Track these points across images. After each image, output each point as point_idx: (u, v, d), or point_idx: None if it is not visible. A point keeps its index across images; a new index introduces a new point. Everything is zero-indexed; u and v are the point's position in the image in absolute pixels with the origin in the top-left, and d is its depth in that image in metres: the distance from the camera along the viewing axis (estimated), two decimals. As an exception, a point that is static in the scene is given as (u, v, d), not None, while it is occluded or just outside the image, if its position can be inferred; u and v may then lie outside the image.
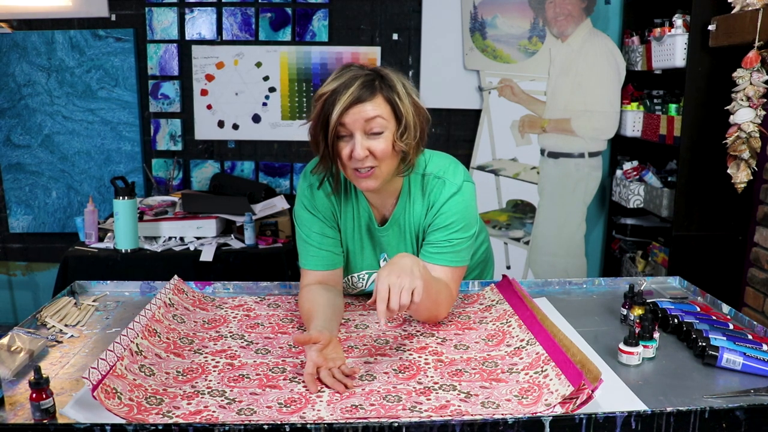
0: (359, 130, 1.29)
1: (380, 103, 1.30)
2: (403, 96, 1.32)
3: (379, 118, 1.29)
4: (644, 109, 3.04)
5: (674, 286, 1.68)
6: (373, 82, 1.30)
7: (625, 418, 0.97)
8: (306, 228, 1.45)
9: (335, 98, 1.28)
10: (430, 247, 1.43)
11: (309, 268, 1.45)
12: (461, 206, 1.42)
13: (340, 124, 1.29)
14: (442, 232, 1.41)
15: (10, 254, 3.42)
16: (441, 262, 1.42)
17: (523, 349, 1.23)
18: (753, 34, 2.11)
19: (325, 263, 1.44)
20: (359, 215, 1.47)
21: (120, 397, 1.00)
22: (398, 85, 1.33)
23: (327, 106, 1.29)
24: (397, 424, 0.95)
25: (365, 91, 1.29)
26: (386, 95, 1.31)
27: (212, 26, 3.23)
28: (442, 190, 1.42)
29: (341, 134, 1.31)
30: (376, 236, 1.48)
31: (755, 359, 1.16)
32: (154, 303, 1.36)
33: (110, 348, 1.09)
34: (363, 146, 1.29)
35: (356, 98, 1.28)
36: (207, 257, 2.49)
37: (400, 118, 1.32)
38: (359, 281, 1.53)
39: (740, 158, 2.24)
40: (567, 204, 3.28)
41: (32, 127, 3.25)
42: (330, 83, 1.31)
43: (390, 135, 1.31)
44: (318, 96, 1.32)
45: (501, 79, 3.22)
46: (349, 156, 1.31)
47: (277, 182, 3.36)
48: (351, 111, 1.28)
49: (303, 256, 1.46)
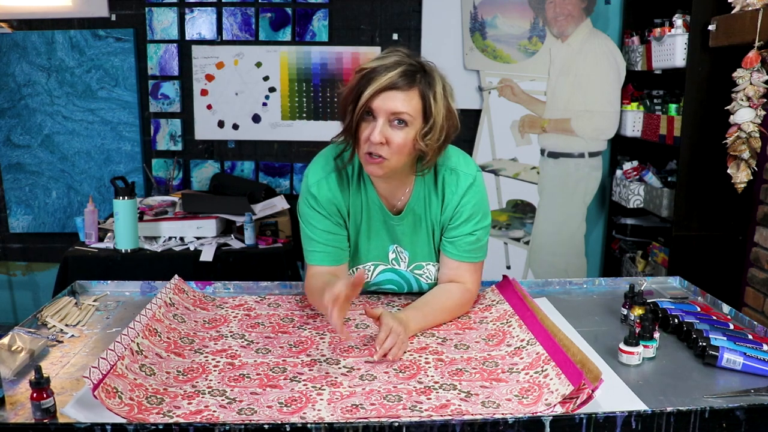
0: (383, 116, 1.29)
1: (413, 97, 1.30)
2: (439, 97, 1.32)
3: (406, 114, 1.29)
4: (644, 109, 3.04)
5: (674, 286, 1.68)
6: (414, 73, 1.30)
7: (626, 418, 0.97)
8: (311, 225, 1.44)
9: (372, 77, 1.29)
10: (452, 245, 1.44)
11: (315, 264, 1.44)
12: (478, 197, 1.44)
13: (368, 106, 1.29)
14: (466, 225, 1.43)
15: (10, 254, 3.42)
16: (464, 259, 1.44)
17: (524, 349, 1.23)
18: (753, 34, 2.11)
19: (330, 258, 1.44)
20: (368, 205, 1.45)
21: (120, 396, 1.00)
22: (438, 85, 1.32)
23: (363, 82, 1.30)
24: (397, 423, 0.95)
25: (403, 79, 1.28)
26: (422, 90, 1.31)
27: (212, 26, 3.23)
28: (457, 183, 1.43)
29: (367, 114, 1.31)
30: (390, 226, 1.46)
31: (755, 359, 1.16)
32: (154, 303, 1.36)
33: (111, 347, 1.09)
34: (381, 133, 1.29)
35: (392, 84, 1.28)
36: (207, 257, 2.49)
37: (428, 117, 1.32)
38: (365, 273, 1.51)
39: (740, 158, 2.24)
40: (567, 204, 3.28)
41: (32, 127, 3.25)
42: (374, 60, 1.32)
43: (412, 131, 1.31)
44: (359, 69, 1.33)
45: (501, 79, 3.22)
46: (367, 138, 1.31)
47: (277, 182, 3.36)
48: (382, 95, 1.28)
49: (308, 252, 1.46)
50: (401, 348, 1.23)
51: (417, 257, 1.48)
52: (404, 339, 1.24)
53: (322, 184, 1.42)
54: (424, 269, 1.49)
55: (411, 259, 1.49)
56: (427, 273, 1.50)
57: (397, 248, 1.48)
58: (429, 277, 1.50)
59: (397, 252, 1.48)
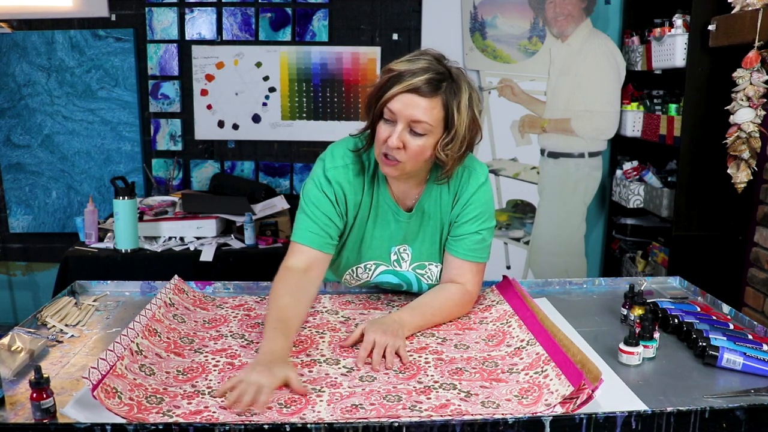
0: (403, 121, 1.29)
1: (435, 106, 1.28)
2: (463, 107, 1.30)
3: (426, 124, 1.28)
4: (644, 109, 3.04)
5: (674, 286, 1.68)
6: (441, 82, 1.29)
7: (626, 418, 0.97)
8: (312, 206, 1.40)
9: (398, 80, 1.28)
10: (457, 243, 1.44)
11: (302, 242, 1.38)
12: (488, 197, 1.45)
13: (388, 108, 1.29)
14: (473, 224, 1.43)
15: (10, 254, 3.42)
16: (467, 257, 1.44)
17: (524, 350, 1.23)
18: (753, 34, 2.11)
19: (318, 242, 1.38)
20: (378, 203, 1.44)
21: (120, 396, 1.00)
22: (464, 95, 1.31)
23: (389, 83, 1.29)
24: (397, 423, 0.95)
25: (428, 86, 1.27)
26: (446, 100, 1.29)
27: (212, 26, 3.23)
28: (470, 180, 1.43)
29: (386, 116, 1.31)
30: (398, 223, 1.45)
31: (755, 359, 1.16)
32: (154, 303, 1.36)
33: (110, 348, 1.09)
34: (399, 138, 1.29)
35: (415, 89, 1.27)
36: (207, 257, 2.49)
37: (450, 127, 1.30)
38: (365, 272, 1.50)
39: (740, 158, 2.24)
40: (567, 204, 3.28)
41: (32, 127, 3.25)
42: (403, 62, 1.31)
43: (432, 139, 1.31)
44: (387, 69, 1.33)
45: (501, 79, 3.22)
46: (384, 140, 1.31)
47: (277, 182, 3.36)
48: (405, 99, 1.28)
49: (299, 229, 1.40)
50: (391, 352, 1.21)
51: (421, 256, 1.48)
52: (395, 343, 1.23)
53: (339, 171, 1.41)
54: (427, 269, 1.49)
55: (415, 258, 1.48)
56: (429, 273, 1.49)
57: (400, 249, 1.48)
58: (431, 278, 1.50)
59: (399, 253, 1.48)
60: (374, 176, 1.44)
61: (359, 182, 1.43)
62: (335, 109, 3.31)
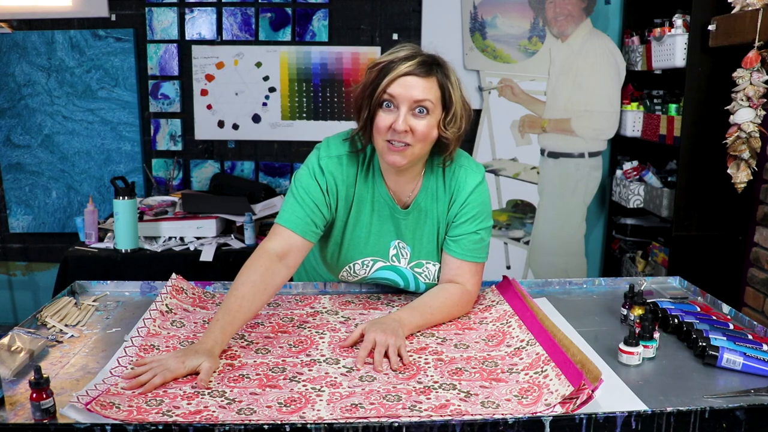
0: (405, 104, 1.30)
1: (432, 86, 1.31)
2: (455, 86, 1.34)
3: (428, 101, 1.30)
4: (644, 109, 3.04)
5: (674, 286, 1.68)
6: (431, 64, 1.32)
7: (625, 418, 0.97)
8: (302, 191, 1.39)
9: (390, 69, 1.30)
10: (455, 243, 1.44)
11: (285, 225, 1.37)
12: (484, 196, 1.46)
13: (388, 93, 1.30)
14: (471, 224, 1.43)
15: (10, 254, 3.42)
16: (465, 257, 1.44)
17: (523, 350, 1.23)
18: (753, 34, 2.11)
19: (301, 227, 1.37)
20: (375, 197, 1.44)
21: (118, 407, 1.00)
22: (452, 76, 1.35)
23: (381, 74, 1.30)
24: (397, 423, 0.95)
25: (422, 69, 1.30)
26: (440, 80, 1.33)
27: (212, 26, 3.23)
28: (467, 180, 1.44)
29: (385, 104, 1.31)
30: (396, 220, 1.46)
31: (755, 359, 1.16)
32: (149, 316, 1.33)
33: (104, 380, 1.08)
34: (405, 122, 1.30)
35: (411, 72, 1.29)
36: (207, 257, 2.49)
37: (448, 106, 1.34)
38: (362, 268, 1.50)
39: (740, 158, 2.24)
40: (567, 204, 3.28)
41: (32, 127, 3.25)
42: (387, 56, 1.33)
43: (434, 120, 1.33)
44: (373, 64, 1.34)
45: (501, 79, 3.22)
46: (388, 127, 1.31)
47: (277, 182, 3.36)
48: (403, 82, 1.29)
49: (285, 212, 1.39)
50: (393, 352, 1.21)
51: (419, 254, 1.48)
52: (396, 342, 1.22)
53: (333, 161, 1.41)
54: (424, 267, 1.49)
55: (413, 256, 1.48)
56: (426, 272, 1.49)
57: (400, 244, 1.48)
58: (428, 277, 1.50)
59: (399, 248, 1.48)
60: (368, 171, 1.44)
61: (352, 175, 1.43)
62: (335, 109, 3.31)
